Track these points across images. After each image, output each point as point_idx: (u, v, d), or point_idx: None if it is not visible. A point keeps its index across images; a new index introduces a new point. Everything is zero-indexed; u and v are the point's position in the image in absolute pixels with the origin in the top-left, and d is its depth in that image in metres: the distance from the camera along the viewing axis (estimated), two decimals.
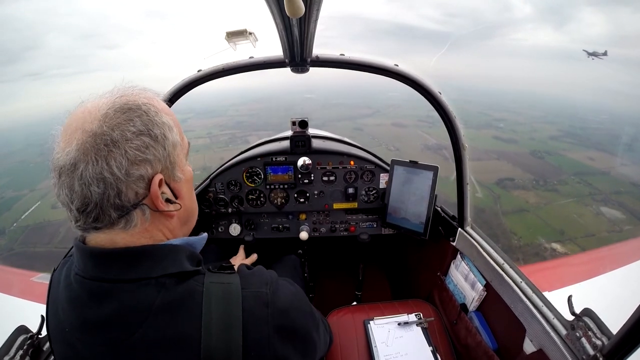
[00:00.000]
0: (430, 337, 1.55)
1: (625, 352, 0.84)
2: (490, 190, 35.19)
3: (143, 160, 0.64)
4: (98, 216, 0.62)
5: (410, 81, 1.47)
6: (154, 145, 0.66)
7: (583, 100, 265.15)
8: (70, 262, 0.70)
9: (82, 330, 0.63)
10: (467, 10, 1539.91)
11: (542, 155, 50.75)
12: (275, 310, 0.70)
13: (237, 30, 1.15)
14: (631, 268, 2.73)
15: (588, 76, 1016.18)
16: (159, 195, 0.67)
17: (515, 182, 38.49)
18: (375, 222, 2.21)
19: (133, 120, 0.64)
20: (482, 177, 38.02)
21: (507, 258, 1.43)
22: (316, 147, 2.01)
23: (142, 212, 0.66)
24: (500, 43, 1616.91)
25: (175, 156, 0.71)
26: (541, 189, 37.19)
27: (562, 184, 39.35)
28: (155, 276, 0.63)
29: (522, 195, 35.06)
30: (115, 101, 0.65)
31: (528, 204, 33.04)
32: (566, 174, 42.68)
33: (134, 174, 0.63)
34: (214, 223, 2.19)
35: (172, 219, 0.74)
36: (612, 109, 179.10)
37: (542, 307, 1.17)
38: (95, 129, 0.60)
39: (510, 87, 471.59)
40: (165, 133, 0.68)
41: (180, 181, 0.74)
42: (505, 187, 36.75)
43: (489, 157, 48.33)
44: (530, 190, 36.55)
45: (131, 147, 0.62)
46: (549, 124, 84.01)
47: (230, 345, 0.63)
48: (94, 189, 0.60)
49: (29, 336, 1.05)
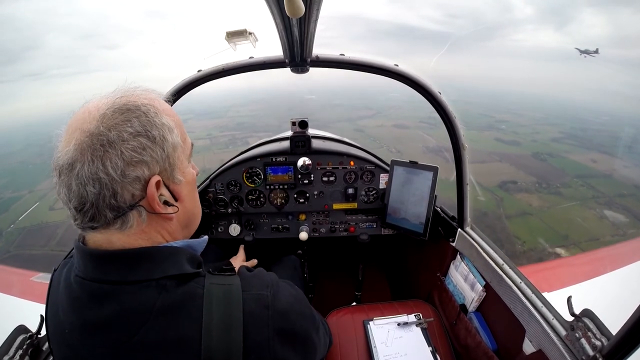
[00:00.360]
0: (429, 337, 1.55)
1: (624, 353, 0.84)
2: (493, 193, 34.18)
3: (139, 161, 0.63)
4: (94, 216, 0.63)
5: (410, 81, 1.48)
6: (152, 147, 0.65)
7: (583, 101, 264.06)
8: (71, 263, 0.70)
9: (82, 332, 0.63)
10: (468, 11, 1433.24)
11: (545, 158, 49.84)
12: (276, 313, 0.70)
13: (237, 31, 1.15)
14: (631, 268, 2.73)
15: (588, 77, 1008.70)
16: (156, 197, 0.66)
17: (518, 185, 37.48)
18: (375, 222, 2.21)
19: (131, 121, 0.63)
20: (485, 179, 36.93)
21: (507, 259, 1.43)
22: (316, 148, 2.01)
23: (138, 214, 0.66)
24: (501, 44, 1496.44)
25: (175, 158, 0.70)
26: (544, 192, 36.26)
27: (565, 187, 38.40)
28: (155, 278, 0.63)
29: (525, 199, 34.19)
30: (115, 102, 0.65)
31: (531, 207, 32.26)
32: (569, 177, 41.76)
33: (130, 175, 0.62)
34: (214, 223, 2.19)
35: (171, 221, 0.73)
36: (613, 110, 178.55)
37: (541, 308, 1.17)
38: (93, 129, 0.61)
39: (511, 88, 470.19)
40: (165, 134, 0.67)
41: (180, 183, 0.73)
42: (508, 190, 35.90)
43: (492, 159, 47.15)
44: (533, 193, 35.67)
45: (127, 148, 0.62)
46: (551, 125, 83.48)
47: (231, 346, 0.63)
48: (89, 189, 0.60)
49: (29, 336, 1.05)
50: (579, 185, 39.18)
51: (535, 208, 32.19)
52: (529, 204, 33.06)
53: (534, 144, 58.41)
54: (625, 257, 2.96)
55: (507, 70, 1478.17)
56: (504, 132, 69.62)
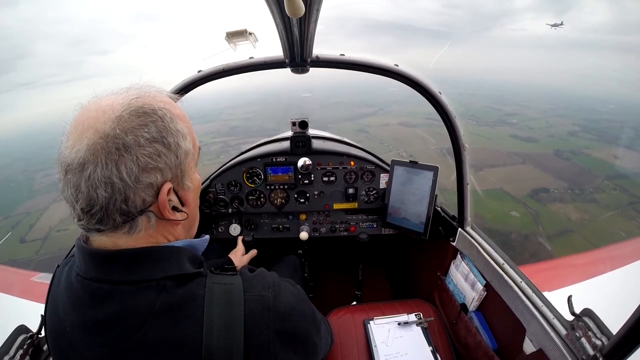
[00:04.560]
0: (430, 337, 1.55)
1: (625, 352, 0.84)
2: (525, 205, 29.44)
3: (154, 168, 0.63)
4: (102, 219, 0.62)
5: (410, 81, 1.48)
6: (167, 154, 0.64)
7: (588, 90, 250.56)
8: (72, 262, 0.70)
9: (83, 331, 0.63)
10: (466, 1, 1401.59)
11: (568, 156, 45.52)
12: (277, 315, 0.70)
13: (237, 31, 1.15)
14: (631, 268, 2.73)
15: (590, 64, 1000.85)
16: (167, 205, 0.66)
17: (551, 194, 32.82)
18: (376, 222, 2.21)
19: (148, 126, 0.62)
20: (513, 188, 32.08)
21: (507, 258, 1.43)
22: (316, 148, 2.02)
23: (147, 219, 0.66)
24: (500, 34, 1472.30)
25: (186, 165, 0.69)
26: (579, 200, 31.88)
27: (598, 192, 33.87)
28: (156, 278, 0.63)
29: (562, 210, 29.59)
30: (130, 103, 0.63)
31: (571, 222, 27.64)
32: (599, 179, 37.30)
33: (144, 181, 0.62)
34: (214, 223, 2.19)
35: (177, 226, 0.73)
36: (618, 98, 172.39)
37: (542, 307, 1.17)
38: (108, 130, 0.59)
39: (511, 78, 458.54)
40: (179, 141, 0.67)
41: (188, 190, 0.73)
42: (541, 200, 31.25)
43: (514, 161, 42.59)
44: (568, 203, 31.03)
45: (143, 153, 0.61)
46: (562, 117, 79.94)
47: (232, 347, 0.63)
48: (100, 192, 0.59)
49: (29, 336, 1.06)
50: (611, 189, 35.08)
51: (575, 222, 27.79)
52: (568, 217, 28.62)
53: (552, 140, 55.46)
54: (625, 257, 2.95)
55: (506, 61, 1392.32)
56: (518, 127, 66.47)
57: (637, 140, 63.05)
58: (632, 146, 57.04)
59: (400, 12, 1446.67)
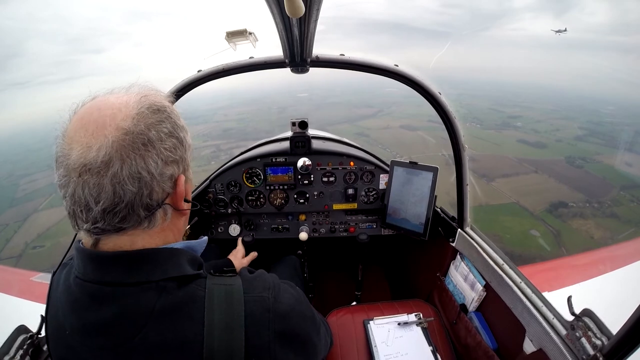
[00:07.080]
0: (430, 337, 1.55)
1: (625, 352, 0.84)
2: (545, 223, 26.20)
3: (173, 160, 0.67)
4: (126, 215, 0.61)
5: (410, 82, 1.48)
6: (179, 147, 0.69)
7: (588, 90, 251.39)
8: (70, 265, 0.70)
9: (82, 333, 0.63)
10: (466, 0, 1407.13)
11: (581, 164, 42.02)
12: (277, 316, 0.70)
13: (237, 30, 1.15)
14: (631, 268, 2.73)
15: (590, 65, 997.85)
16: (184, 195, 0.70)
17: (571, 209, 29.29)
18: (375, 222, 2.21)
19: (164, 122, 0.66)
20: (530, 202, 29.09)
21: (507, 258, 1.43)
22: (316, 148, 2.02)
23: (164, 212, 0.68)
24: (498, 34, 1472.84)
25: (188, 158, 0.74)
26: (600, 216, 28.97)
27: (617, 205, 31.03)
28: (155, 280, 0.63)
29: (583, 227, 26.46)
30: (141, 100, 0.65)
31: (594, 241, 24.51)
32: (615, 189, 34.10)
33: (166, 173, 0.65)
34: (214, 224, 2.19)
35: (182, 217, 0.76)
36: (614, 98, 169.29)
37: (541, 307, 1.18)
38: (132, 127, 0.60)
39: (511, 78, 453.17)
40: (185, 136, 0.72)
41: (190, 182, 0.77)
42: (560, 216, 27.88)
43: (526, 169, 38.97)
44: (588, 218, 28.13)
45: (165, 147, 0.64)
46: (566, 119, 77.29)
47: (233, 348, 0.63)
48: (128, 188, 0.59)
49: (29, 336, 1.06)
50: (629, 201, 32.20)
51: (598, 241, 24.68)
52: (590, 235, 25.58)
53: (561, 145, 52.85)
54: (625, 257, 2.96)
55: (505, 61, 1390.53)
56: (524, 130, 64.10)
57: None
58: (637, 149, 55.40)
59: (398, 11, 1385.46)
